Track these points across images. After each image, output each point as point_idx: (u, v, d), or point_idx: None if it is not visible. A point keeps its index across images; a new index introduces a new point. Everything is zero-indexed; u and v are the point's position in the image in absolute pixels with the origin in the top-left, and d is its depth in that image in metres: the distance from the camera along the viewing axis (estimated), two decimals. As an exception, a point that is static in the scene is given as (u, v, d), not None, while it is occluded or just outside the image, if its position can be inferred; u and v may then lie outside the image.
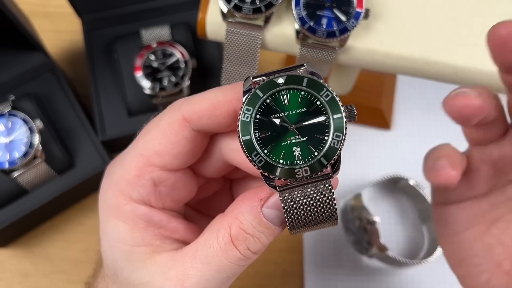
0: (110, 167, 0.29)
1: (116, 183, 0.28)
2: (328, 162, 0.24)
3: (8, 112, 0.49)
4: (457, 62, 0.39)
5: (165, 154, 0.27)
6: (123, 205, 0.27)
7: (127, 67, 0.55)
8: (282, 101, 0.24)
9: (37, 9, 0.64)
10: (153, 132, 0.27)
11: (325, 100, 0.24)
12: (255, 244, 0.26)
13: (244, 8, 0.38)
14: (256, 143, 0.24)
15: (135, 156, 0.27)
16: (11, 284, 0.54)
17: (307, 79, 0.24)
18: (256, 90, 0.24)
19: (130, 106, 0.55)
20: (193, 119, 0.26)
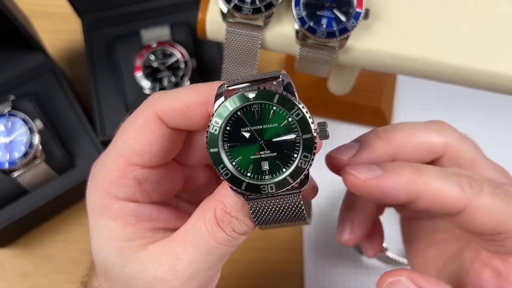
0: (94, 168, 0.30)
1: (100, 184, 0.28)
2: (295, 181, 0.24)
3: (8, 112, 0.49)
4: (457, 62, 0.39)
5: (144, 153, 0.27)
6: (111, 205, 0.28)
7: (127, 67, 0.55)
8: (253, 115, 0.24)
9: (37, 9, 0.64)
10: (130, 132, 0.27)
11: (295, 119, 0.23)
12: (240, 227, 0.26)
13: (244, 8, 0.38)
14: (224, 155, 0.24)
15: (115, 157, 0.27)
16: (11, 284, 0.54)
17: (278, 96, 0.23)
18: (226, 103, 0.23)
19: (130, 106, 0.55)
20: (166, 118, 0.27)
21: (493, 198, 0.27)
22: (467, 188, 0.27)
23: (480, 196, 0.26)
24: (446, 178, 0.27)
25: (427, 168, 0.27)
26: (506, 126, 0.60)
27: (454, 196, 0.26)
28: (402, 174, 0.27)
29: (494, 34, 0.39)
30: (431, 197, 0.27)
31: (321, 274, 0.54)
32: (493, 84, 0.39)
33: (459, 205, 0.27)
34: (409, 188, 0.27)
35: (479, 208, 0.26)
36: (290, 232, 0.56)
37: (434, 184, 0.27)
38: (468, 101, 0.61)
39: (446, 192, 0.26)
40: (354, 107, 0.58)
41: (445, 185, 0.27)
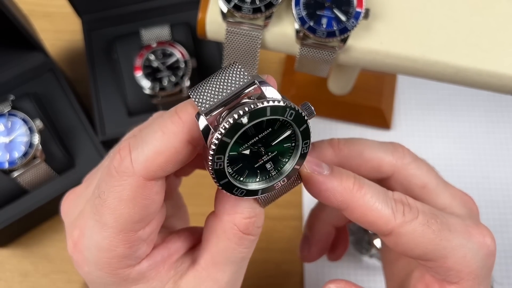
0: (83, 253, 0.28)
1: (107, 264, 0.26)
2: (300, 166, 0.25)
3: (8, 112, 0.49)
4: (457, 62, 0.39)
5: (144, 219, 0.26)
6: (128, 275, 0.27)
7: (127, 67, 0.55)
8: (248, 132, 0.23)
9: (37, 9, 0.64)
10: (120, 207, 0.25)
11: (289, 119, 0.23)
12: (260, 220, 0.27)
13: (244, 8, 0.38)
14: (233, 179, 0.24)
15: (115, 237, 0.25)
16: (11, 284, 0.54)
17: (270, 108, 0.22)
18: (222, 138, 0.22)
19: (130, 106, 0.55)
20: (157, 175, 0.25)
21: (423, 228, 0.27)
22: (398, 215, 0.27)
23: (409, 224, 0.27)
24: (383, 199, 0.28)
25: (370, 184, 0.28)
26: (506, 126, 0.60)
27: (383, 219, 0.27)
28: (343, 181, 0.27)
29: (494, 34, 0.39)
30: (361, 212, 0.27)
31: (321, 274, 0.54)
32: (493, 84, 0.39)
33: (386, 228, 0.27)
34: (344, 197, 0.27)
35: (406, 235, 0.27)
36: (290, 232, 0.56)
37: (368, 202, 0.27)
38: (468, 101, 0.61)
39: (377, 212, 0.27)
40: (354, 107, 0.58)
41: (378, 206, 0.27)
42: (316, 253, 0.38)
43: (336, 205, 0.28)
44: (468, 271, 0.28)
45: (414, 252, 0.28)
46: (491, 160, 0.58)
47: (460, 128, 0.60)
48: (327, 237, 0.39)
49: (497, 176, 0.57)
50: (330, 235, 0.39)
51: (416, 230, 0.27)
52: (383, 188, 0.29)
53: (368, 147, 0.31)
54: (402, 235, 0.27)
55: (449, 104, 0.61)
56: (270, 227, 0.55)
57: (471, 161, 0.58)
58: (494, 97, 0.60)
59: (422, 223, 0.27)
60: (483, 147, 0.59)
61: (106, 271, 0.26)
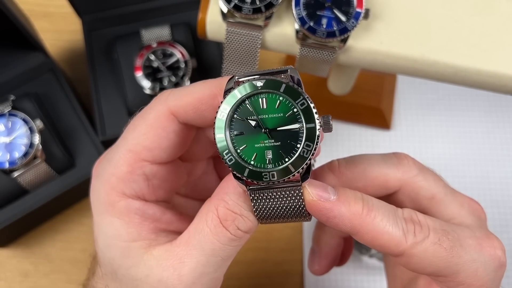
0: (98, 165, 0.30)
1: (107, 180, 0.28)
2: (296, 170, 0.24)
3: (8, 112, 0.49)
4: (457, 62, 0.39)
5: (154, 149, 0.27)
6: (117, 202, 0.27)
7: (127, 67, 0.55)
8: (260, 104, 0.24)
9: (37, 9, 0.64)
10: (141, 127, 0.27)
11: (300, 108, 0.24)
12: (244, 224, 0.26)
13: (244, 8, 0.38)
14: (230, 141, 0.24)
15: (125, 153, 0.27)
16: (11, 284, 0.54)
17: (285, 85, 0.24)
18: (235, 91, 0.24)
19: (130, 106, 0.55)
20: (179, 113, 0.27)
21: (435, 247, 0.27)
22: (409, 236, 0.27)
23: (421, 245, 0.27)
24: (393, 221, 0.27)
25: (379, 206, 0.27)
26: (507, 126, 0.60)
27: (394, 241, 0.26)
28: (351, 206, 0.26)
29: (494, 34, 0.39)
30: (372, 237, 0.27)
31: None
32: (493, 84, 0.39)
33: (398, 250, 0.27)
34: (353, 222, 0.26)
35: (417, 255, 0.27)
36: (290, 232, 0.56)
37: (378, 225, 0.26)
38: (468, 101, 0.61)
39: (387, 236, 0.26)
40: (354, 107, 0.58)
41: (388, 229, 0.26)
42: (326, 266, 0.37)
43: (345, 231, 0.27)
44: (479, 285, 0.27)
45: (426, 270, 0.27)
46: (491, 160, 0.58)
47: (460, 128, 0.60)
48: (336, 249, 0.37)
49: (497, 176, 0.57)
50: (339, 246, 0.37)
51: (428, 249, 0.27)
52: (392, 206, 0.28)
53: (371, 165, 0.30)
54: (413, 256, 0.27)
55: (449, 104, 0.61)
56: (270, 226, 0.55)
57: (471, 161, 0.58)
58: (494, 97, 0.60)
59: (434, 241, 0.27)
60: (483, 147, 0.59)
61: (104, 186, 0.28)
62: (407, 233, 0.27)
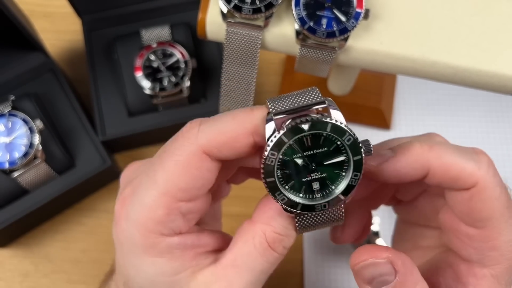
0: (124, 206, 0.29)
1: (143, 224, 0.27)
2: (346, 197, 0.26)
3: (8, 112, 0.49)
4: (457, 62, 0.39)
5: (190, 190, 0.27)
6: (158, 243, 0.27)
7: (127, 67, 0.55)
8: (305, 143, 0.25)
9: (37, 9, 0.64)
10: (173, 168, 0.27)
11: (347, 143, 0.25)
12: (289, 242, 0.28)
13: (244, 9, 0.38)
14: (279, 182, 0.25)
15: (159, 197, 0.27)
16: (11, 284, 0.54)
17: (331, 125, 0.24)
18: (281, 136, 0.24)
19: (130, 106, 0.55)
20: (212, 152, 0.26)
21: (501, 189, 0.26)
22: (483, 166, 0.26)
23: (492, 179, 0.26)
24: (460, 153, 0.26)
25: (439, 143, 0.27)
26: (506, 126, 0.60)
27: (467, 170, 0.26)
28: (410, 150, 0.27)
29: (494, 34, 0.39)
30: (443, 170, 0.26)
31: (321, 274, 0.54)
32: (493, 84, 0.39)
33: (471, 180, 0.26)
34: (420, 163, 0.26)
35: (487, 189, 0.26)
36: (290, 232, 0.56)
37: (445, 158, 0.26)
38: (468, 101, 0.61)
39: (459, 165, 0.26)
40: (354, 107, 0.58)
41: (458, 160, 0.26)
42: (350, 236, 0.36)
43: (418, 175, 0.27)
44: (510, 257, 0.27)
45: (480, 214, 0.26)
46: (491, 160, 0.58)
47: (460, 128, 0.60)
48: (362, 220, 0.35)
49: (497, 176, 0.57)
50: (364, 218, 0.35)
51: (496, 189, 0.25)
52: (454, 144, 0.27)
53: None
54: (482, 190, 0.26)
55: (449, 104, 0.61)
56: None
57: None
58: (494, 97, 0.60)
59: (502, 185, 0.26)
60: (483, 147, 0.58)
61: (139, 230, 0.27)
62: (480, 166, 0.26)
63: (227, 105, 0.44)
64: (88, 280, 0.54)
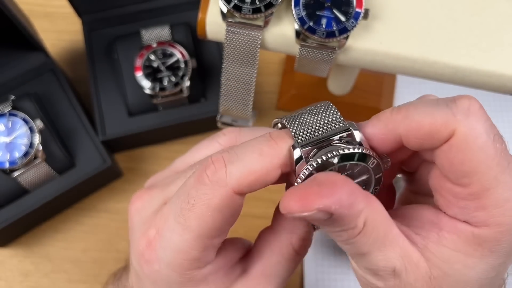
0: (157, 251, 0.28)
1: (180, 265, 0.27)
2: None
3: (8, 112, 0.49)
4: (457, 62, 0.39)
5: (223, 228, 0.27)
6: (195, 277, 0.28)
7: (127, 67, 0.55)
8: (332, 170, 0.25)
9: (37, 9, 0.64)
10: (205, 213, 0.26)
11: (371, 167, 0.25)
12: (311, 242, 0.29)
13: (243, 8, 0.38)
14: None
15: (194, 240, 0.26)
16: (11, 284, 0.54)
17: (358, 155, 0.25)
18: (312, 171, 0.24)
19: (130, 106, 0.55)
20: (244, 191, 0.26)
21: (486, 139, 0.23)
22: (460, 114, 0.23)
23: (473, 128, 0.22)
24: (432, 105, 0.23)
25: (410, 103, 0.25)
26: (506, 126, 0.60)
27: (440, 119, 0.23)
28: (379, 118, 0.26)
29: (494, 34, 0.39)
30: (414, 129, 0.24)
31: (321, 274, 0.54)
32: (493, 84, 0.39)
33: (447, 131, 0.23)
34: (390, 129, 0.25)
35: (465, 140, 0.23)
36: (290, 232, 0.56)
37: (414, 116, 0.24)
38: (468, 101, 0.61)
39: (431, 116, 0.23)
40: (354, 107, 0.58)
41: (427, 113, 0.23)
42: None
43: (393, 145, 0.25)
44: (501, 222, 0.23)
45: (462, 167, 0.23)
46: (490, 160, 0.58)
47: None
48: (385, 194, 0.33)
49: (497, 176, 0.57)
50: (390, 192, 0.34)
51: (480, 137, 0.22)
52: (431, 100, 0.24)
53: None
54: (462, 139, 0.23)
55: (448, 104, 0.61)
56: (270, 227, 0.55)
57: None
58: (494, 97, 0.60)
59: (489, 133, 0.23)
60: (483, 147, 0.59)
61: (177, 271, 0.27)
62: (456, 112, 0.23)
63: (227, 105, 0.44)
64: (88, 279, 0.55)
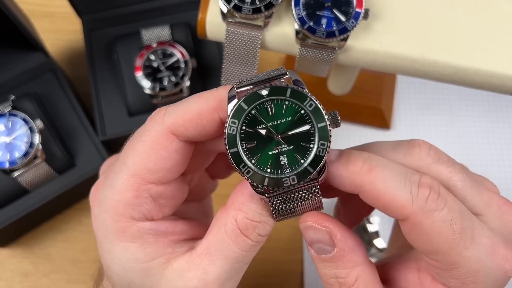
0: (96, 193, 0.29)
1: (114, 208, 0.27)
2: (315, 169, 0.24)
3: (8, 112, 0.49)
4: (457, 62, 0.39)
5: (158, 171, 0.27)
6: (128, 227, 0.27)
7: (127, 67, 0.55)
8: (267, 112, 0.24)
9: (37, 9, 0.64)
10: (141, 150, 0.27)
11: (309, 109, 0.24)
12: (264, 229, 0.27)
13: (244, 8, 0.38)
14: (243, 154, 0.24)
15: (128, 178, 0.27)
16: (11, 284, 0.54)
17: (291, 90, 0.24)
18: (240, 103, 0.24)
19: (130, 106, 0.55)
20: (179, 132, 0.26)
21: (443, 224, 0.24)
22: (419, 201, 0.24)
23: (429, 215, 0.24)
24: (400, 182, 0.24)
25: (385, 165, 0.25)
26: (506, 126, 0.60)
27: (398, 202, 0.24)
28: (349, 166, 0.25)
29: (494, 34, 0.39)
30: (373, 196, 0.25)
31: (321, 273, 0.54)
32: (493, 84, 0.39)
33: (402, 213, 0.24)
34: (353, 182, 0.25)
35: (422, 226, 0.24)
36: (290, 232, 0.56)
37: (380, 185, 0.24)
38: (467, 101, 0.61)
39: (390, 195, 0.24)
40: (354, 107, 0.58)
41: (392, 188, 0.24)
42: (348, 223, 0.35)
43: (349, 190, 0.26)
44: (473, 287, 0.25)
45: (425, 247, 0.25)
46: (490, 160, 0.58)
47: (459, 128, 0.60)
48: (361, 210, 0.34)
49: (497, 176, 0.57)
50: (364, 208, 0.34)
51: (435, 224, 0.24)
52: (406, 169, 0.25)
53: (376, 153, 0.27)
54: (417, 225, 0.24)
55: (448, 104, 0.61)
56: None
57: (471, 161, 0.58)
58: (494, 97, 0.60)
59: (445, 219, 0.24)
60: (483, 147, 0.59)
61: (110, 214, 0.27)
62: (416, 198, 0.24)
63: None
64: (88, 280, 0.54)
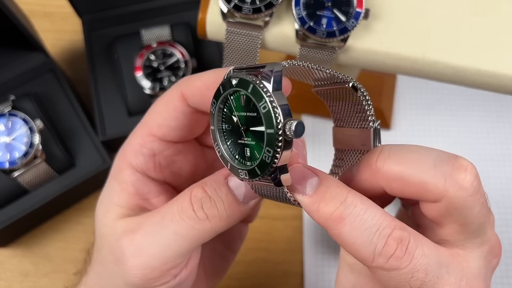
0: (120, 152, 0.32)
1: (124, 150, 0.31)
2: (262, 173, 0.22)
3: (8, 112, 0.49)
4: (457, 62, 0.39)
5: (164, 126, 0.29)
6: (123, 169, 0.30)
7: (127, 67, 0.55)
8: (240, 101, 0.23)
9: (37, 9, 0.64)
10: (157, 107, 0.30)
11: (262, 111, 0.21)
12: (210, 207, 0.27)
13: (244, 8, 0.38)
14: (218, 134, 0.25)
15: (141, 127, 0.30)
16: (11, 284, 0.54)
17: (252, 86, 0.21)
18: (220, 86, 0.24)
19: (130, 106, 0.55)
20: (188, 96, 0.29)
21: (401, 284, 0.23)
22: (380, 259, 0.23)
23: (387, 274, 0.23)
24: (367, 238, 0.23)
25: (356, 215, 0.23)
26: (506, 126, 0.60)
27: (361, 257, 0.24)
28: (320, 208, 0.24)
29: (494, 34, 0.39)
30: (341, 243, 0.24)
31: (321, 274, 0.54)
32: (493, 84, 0.39)
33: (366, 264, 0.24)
34: (323, 224, 0.24)
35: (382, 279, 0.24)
36: (290, 232, 0.56)
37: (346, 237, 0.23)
38: (468, 101, 0.61)
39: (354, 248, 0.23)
40: (354, 107, 0.58)
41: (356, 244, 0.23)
42: None
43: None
44: None
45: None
46: (490, 160, 0.58)
47: (459, 128, 0.60)
48: None
49: (497, 176, 0.57)
50: None
51: (393, 279, 0.23)
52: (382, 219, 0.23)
53: (413, 167, 0.25)
54: (377, 277, 0.24)
55: (448, 104, 0.61)
56: (270, 227, 0.55)
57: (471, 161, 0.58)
58: (494, 97, 0.60)
59: (404, 278, 0.23)
60: (483, 147, 0.59)
61: (120, 155, 0.31)
62: (378, 256, 0.23)
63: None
64: (88, 280, 0.54)
